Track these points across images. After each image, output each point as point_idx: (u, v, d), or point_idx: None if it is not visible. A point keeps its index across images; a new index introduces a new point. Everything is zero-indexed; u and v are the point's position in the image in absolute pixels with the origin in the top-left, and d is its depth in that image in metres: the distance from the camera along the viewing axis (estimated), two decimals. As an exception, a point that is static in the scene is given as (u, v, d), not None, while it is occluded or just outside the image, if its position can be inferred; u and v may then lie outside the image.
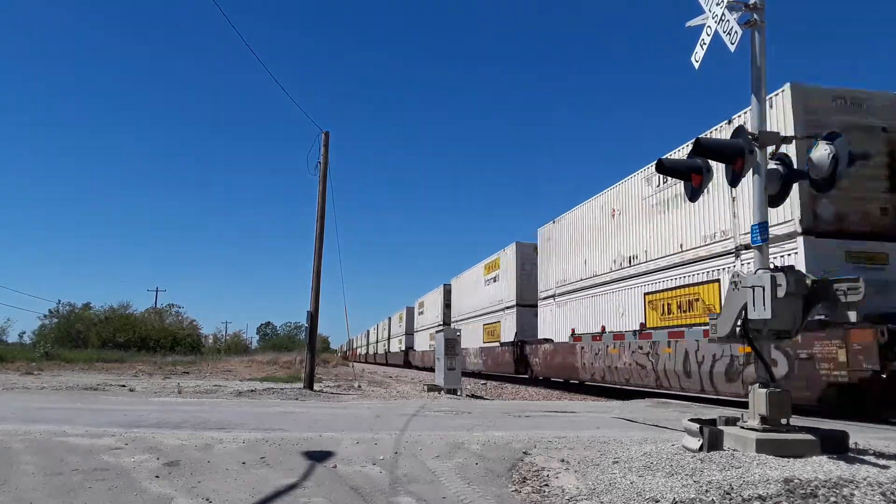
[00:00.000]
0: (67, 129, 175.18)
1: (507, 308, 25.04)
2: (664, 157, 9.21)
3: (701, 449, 5.16)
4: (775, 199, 5.98)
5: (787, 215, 10.32)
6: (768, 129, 5.81)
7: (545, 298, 21.14)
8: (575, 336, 18.35)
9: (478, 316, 29.04)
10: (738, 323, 5.51)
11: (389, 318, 57.56)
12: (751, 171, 5.68)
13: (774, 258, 10.03)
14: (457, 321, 32.02)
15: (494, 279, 27.00)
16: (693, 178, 6.17)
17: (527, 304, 23.35)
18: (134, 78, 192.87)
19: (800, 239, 10.13)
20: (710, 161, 6.06)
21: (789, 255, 10.31)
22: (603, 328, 16.76)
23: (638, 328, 14.88)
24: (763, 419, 5.16)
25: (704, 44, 6.10)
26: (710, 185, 7.13)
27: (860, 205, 10.35)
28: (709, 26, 5.98)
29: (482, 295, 28.64)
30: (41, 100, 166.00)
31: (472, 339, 28.45)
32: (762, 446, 4.89)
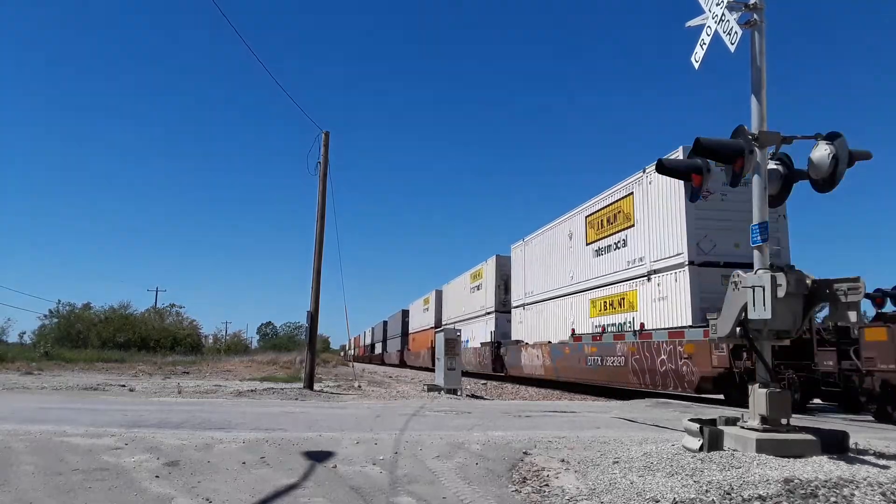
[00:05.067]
0: (67, 129, 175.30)
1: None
2: (664, 157, 9.30)
3: (701, 449, 5.17)
4: (775, 199, 5.99)
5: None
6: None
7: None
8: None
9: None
10: (738, 323, 5.51)
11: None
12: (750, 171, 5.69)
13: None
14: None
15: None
16: (693, 178, 6.18)
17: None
18: (133, 78, 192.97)
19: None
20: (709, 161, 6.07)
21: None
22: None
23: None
24: (763, 419, 5.17)
25: (704, 44, 6.10)
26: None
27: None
28: (709, 26, 5.98)
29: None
30: (41, 100, 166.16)
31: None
32: (762, 446, 4.89)
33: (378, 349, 68.48)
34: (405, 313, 50.13)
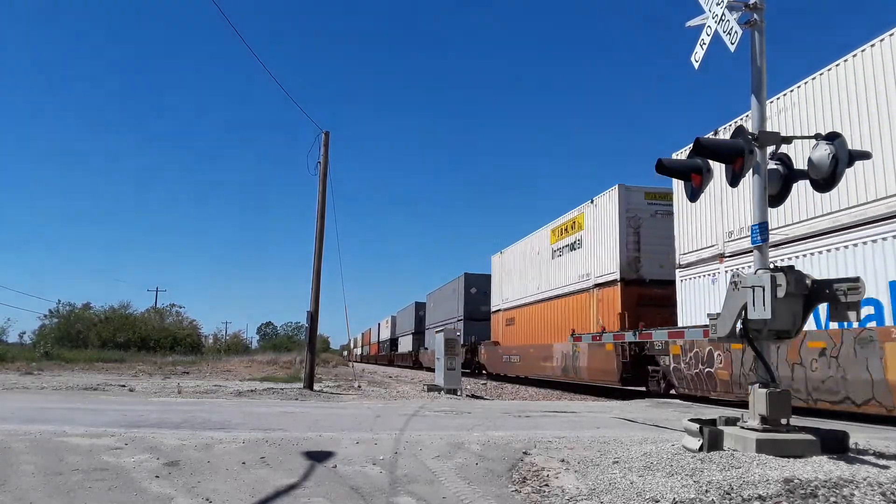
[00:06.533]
0: (67, 129, 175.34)
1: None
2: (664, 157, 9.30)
3: (701, 449, 5.16)
4: (775, 200, 5.98)
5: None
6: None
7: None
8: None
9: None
10: (738, 323, 5.51)
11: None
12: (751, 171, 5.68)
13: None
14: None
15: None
16: (693, 178, 6.18)
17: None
18: (133, 77, 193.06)
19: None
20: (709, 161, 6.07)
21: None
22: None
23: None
24: (763, 419, 5.16)
25: (704, 44, 6.10)
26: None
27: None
28: (709, 26, 5.98)
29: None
30: (40, 100, 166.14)
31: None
32: (762, 446, 4.89)
33: (404, 346, 47.79)
34: (470, 280, 31.59)
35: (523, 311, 22.92)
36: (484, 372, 28.07)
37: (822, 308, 6.56)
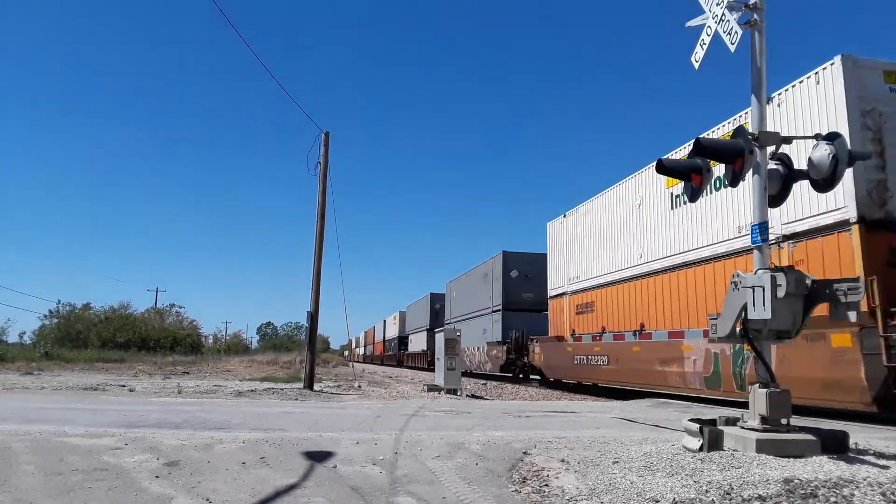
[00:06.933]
0: (67, 130, 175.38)
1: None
2: (664, 157, 9.31)
3: (701, 449, 5.16)
4: (775, 200, 5.98)
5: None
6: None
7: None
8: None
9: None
10: (738, 323, 5.51)
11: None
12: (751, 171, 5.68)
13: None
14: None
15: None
16: (693, 178, 6.17)
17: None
18: (133, 78, 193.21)
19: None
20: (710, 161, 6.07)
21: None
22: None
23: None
24: (763, 419, 5.16)
25: (704, 44, 6.10)
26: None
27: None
28: (709, 26, 5.98)
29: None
30: (41, 99, 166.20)
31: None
32: (762, 446, 4.89)
33: (417, 344, 40.15)
34: (509, 261, 23.97)
35: (610, 293, 15.98)
36: (536, 378, 21.47)
37: None
